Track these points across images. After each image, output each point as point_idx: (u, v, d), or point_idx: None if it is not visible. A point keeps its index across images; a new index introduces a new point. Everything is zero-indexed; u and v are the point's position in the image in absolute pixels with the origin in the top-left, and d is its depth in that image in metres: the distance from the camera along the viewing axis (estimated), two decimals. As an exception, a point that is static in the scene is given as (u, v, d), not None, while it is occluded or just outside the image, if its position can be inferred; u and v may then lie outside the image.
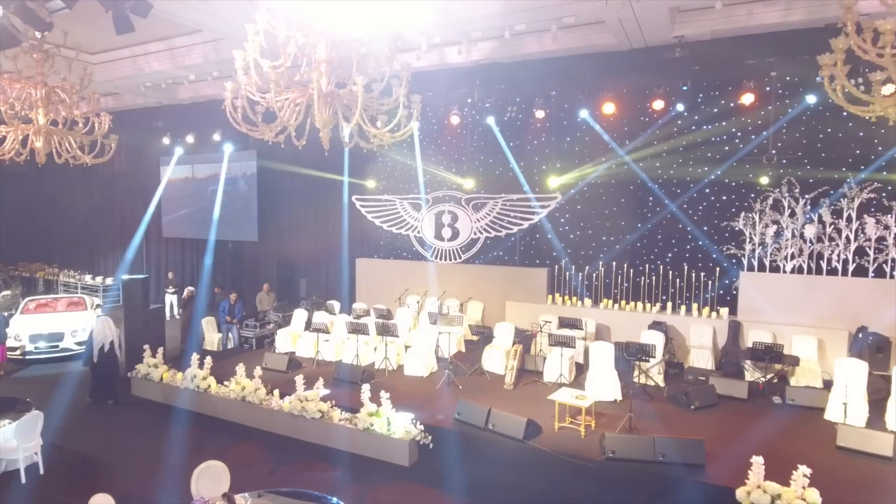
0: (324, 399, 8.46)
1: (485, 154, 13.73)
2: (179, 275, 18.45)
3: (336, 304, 13.63)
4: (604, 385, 8.89)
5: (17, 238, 20.74)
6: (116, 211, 20.44)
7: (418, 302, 13.37)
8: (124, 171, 19.89)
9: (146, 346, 10.41)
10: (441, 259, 14.32)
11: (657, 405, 8.85)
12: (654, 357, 9.00)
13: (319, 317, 12.08)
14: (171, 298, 16.95)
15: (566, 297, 12.56)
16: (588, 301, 12.32)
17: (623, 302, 12.05)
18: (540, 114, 12.35)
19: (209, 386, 9.46)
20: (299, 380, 8.60)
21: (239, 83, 5.30)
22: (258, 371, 9.08)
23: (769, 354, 9.30)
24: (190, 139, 17.23)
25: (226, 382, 9.40)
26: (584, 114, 12.20)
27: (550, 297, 12.69)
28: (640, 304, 11.89)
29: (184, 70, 13.33)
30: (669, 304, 11.64)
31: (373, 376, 10.14)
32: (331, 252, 15.92)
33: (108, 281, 19.20)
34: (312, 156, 15.65)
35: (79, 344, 12.68)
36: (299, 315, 12.66)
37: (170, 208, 18.75)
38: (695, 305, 11.46)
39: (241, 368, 9.31)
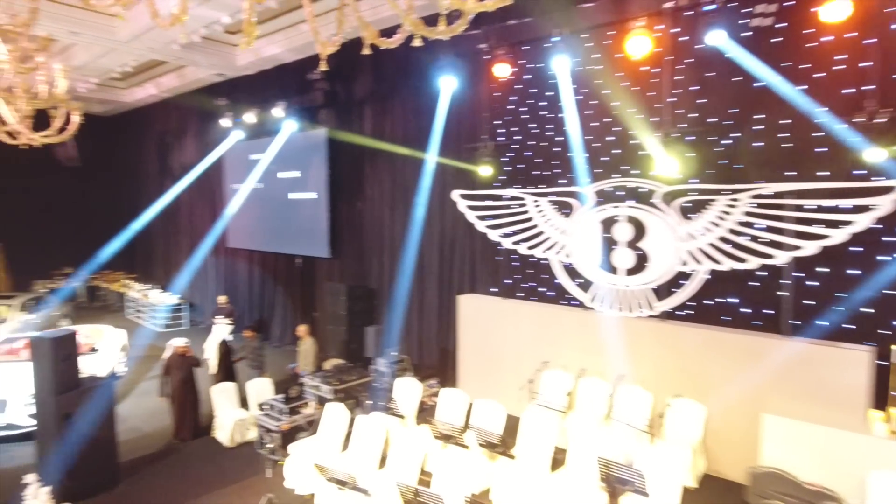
0: None
1: (705, 105, 6.90)
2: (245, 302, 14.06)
3: (403, 395, 7.13)
4: None
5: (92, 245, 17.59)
6: (184, 214, 16.77)
7: (569, 395, 6.90)
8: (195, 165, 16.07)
9: (28, 478, 5.21)
10: (611, 307, 7.65)
11: None
12: None
13: (364, 427, 6.12)
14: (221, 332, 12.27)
15: (923, 419, 5.34)
16: None
17: None
18: (832, 13, 5.64)
19: None
20: None
21: None
22: None
23: None
24: (250, 118, 12.72)
25: None
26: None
27: (880, 411, 5.52)
28: None
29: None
30: None
31: None
32: (426, 282, 10.09)
33: (167, 298, 15.49)
34: (403, 132, 10.22)
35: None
36: (334, 414, 6.63)
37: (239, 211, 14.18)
38: None
39: None
